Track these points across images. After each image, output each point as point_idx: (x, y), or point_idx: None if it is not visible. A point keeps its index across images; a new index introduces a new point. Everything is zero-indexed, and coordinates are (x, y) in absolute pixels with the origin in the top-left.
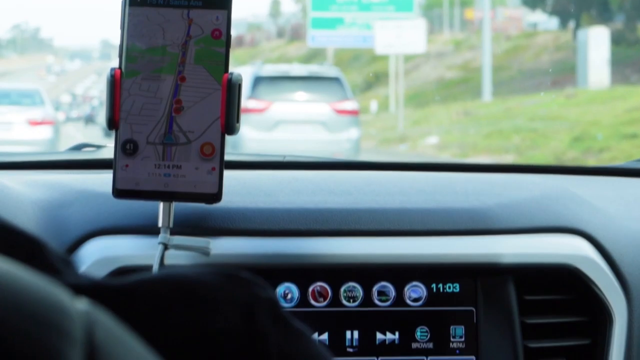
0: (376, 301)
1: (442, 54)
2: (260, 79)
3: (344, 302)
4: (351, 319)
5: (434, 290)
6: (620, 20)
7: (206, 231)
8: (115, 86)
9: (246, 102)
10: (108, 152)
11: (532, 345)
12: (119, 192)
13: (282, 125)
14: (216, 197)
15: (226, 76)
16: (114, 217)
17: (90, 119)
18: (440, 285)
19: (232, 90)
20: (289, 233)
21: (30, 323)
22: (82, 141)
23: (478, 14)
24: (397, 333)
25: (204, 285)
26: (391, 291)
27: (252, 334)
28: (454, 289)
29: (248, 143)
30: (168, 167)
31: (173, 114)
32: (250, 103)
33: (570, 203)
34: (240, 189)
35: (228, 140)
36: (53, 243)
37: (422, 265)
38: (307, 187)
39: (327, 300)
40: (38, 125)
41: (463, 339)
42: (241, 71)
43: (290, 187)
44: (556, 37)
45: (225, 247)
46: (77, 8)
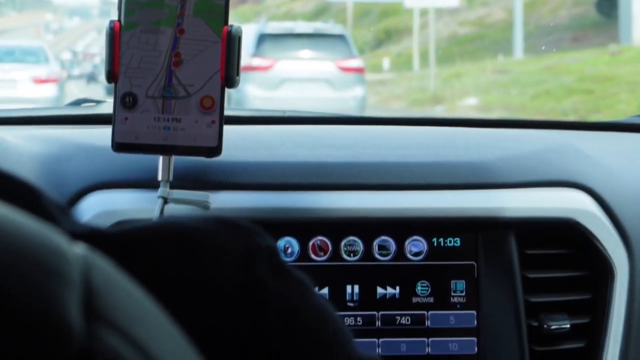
0: (377, 255)
1: (454, 10)
2: (264, 37)
3: (345, 257)
4: (351, 274)
5: (435, 244)
6: None
7: (206, 185)
8: (114, 39)
9: (251, 60)
10: (108, 108)
11: (533, 299)
12: (119, 146)
13: (287, 83)
14: (216, 151)
15: (226, 28)
16: (114, 171)
17: (92, 77)
18: (441, 239)
19: (232, 42)
20: (289, 187)
21: (27, 266)
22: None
23: None
24: (398, 287)
25: (202, 233)
26: (392, 245)
27: (251, 282)
28: (455, 243)
29: (253, 101)
30: (167, 121)
31: (172, 67)
32: (254, 61)
33: (572, 157)
34: (240, 143)
35: (232, 98)
36: (53, 197)
37: (423, 219)
38: (308, 141)
39: (328, 254)
40: (43, 83)
41: (464, 294)
42: (245, 29)
43: (290, 141)
44: None
45: (225, 201)
46: None
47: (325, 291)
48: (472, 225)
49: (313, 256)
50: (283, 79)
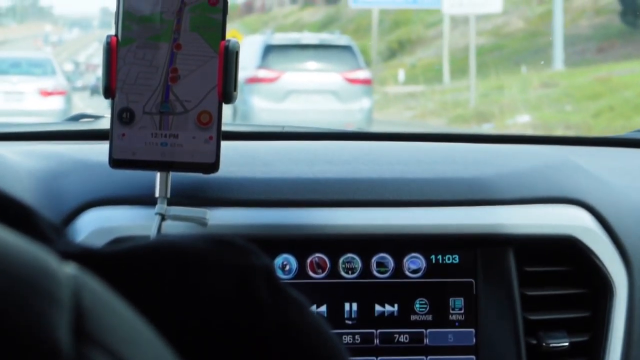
0: (375, 272)
1: (469, 19)
2: (270, 48)
3: (343, 274)
4: (350, 291)
5: (433, 261)
6: None
7: (204, 201)
8: (111, 54)
9: (257, 72)
10: (106, 123)
11: (532, 317)
12: (116, 162)
13: (293, 95)
14: (213, 167)
15: (223, 44)
16: (111, 188)
17: (96, 90)
18: (439, 256)
19: (229, 57)
20: (287, 203)
21: (17, 286)
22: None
23: None
24: (396, 305)
25: (198, 252)
26: (390, 262)
27: (247, 302)
28: (454, 260)
29: (259, 113)
30: (165, 137)
31: (169, 83)
32: (260, 72)
33: (571, 173)
34: (238, 159)
35: (238, 111)
36: (50, 213)
37: (421, 236)
38: (306, 157)
39: (326, 271)
40: (49, 95)
41: (462, 311)
42: (251, 40)
43: (288, 157)
44: (595, 0)
45: (222, 218)
46: None
47: (323, 309)
48: (471, 242)
49: (311, 273)
50: (289, 91)
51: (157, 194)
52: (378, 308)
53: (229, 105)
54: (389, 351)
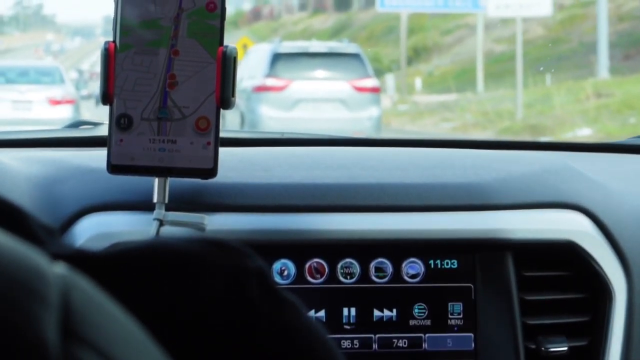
0: (373, 277)
1: (487, 26)
2: (278, 56)
3: (341, 279)
4: (348, 296)
5: (432, 266)
6: None
7: (202, 207)
8: (109, 60)
9: (265, 80)
10: (105, 130)
11: (531, 322)
12: (114, 168)
13: (302, 103)
14: (211, 172)
15: (221, 49)
16: (109, 193)
17: None
18: (438, 261)
19: (227, 63)
20: (286, 208)
21: (4, 284)
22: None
23: None
24: (395, 310)
25: (191, 254)
26: (388, 267)
27: (240, 304)
28: (452, 265)
29: (267, 122)
30: (163, 142)
31: (167, 89)
32: (269, 81)
33: (569, 178)
34: (236, 165)
35: (246, 120)
36: (48, 219)
37: (420, 241)
38: (305, 163)
39: (324, 276)
40: (58, 104)
41: (461, 316)
42: (259, 48)
43: (287, 163)
44: (618, 6)
45: (221, 223)
46: None
47: (321, 314)
48: (470, 247)
49: (309, 278)
50: (297, 100)
51: (155, 200)
52: (377, 313)
53: (237, 114)
54: (388, 356)
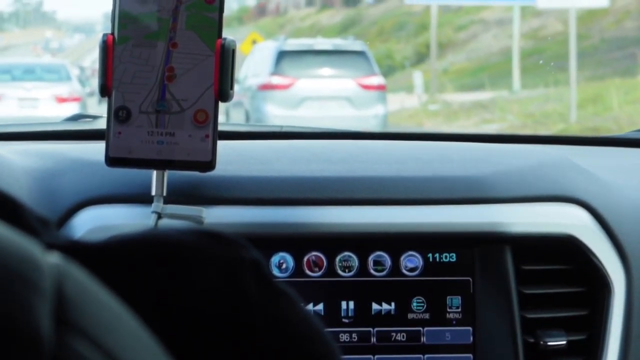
0: (372, 271)
1: (503, 21)
2: (283, 54)
3: (340, 272)
4: (346, 289)
5: (430, 259)
6: None
7: (200, 200)
8: (107, 52)
9: (270, 78)
10: (104, 123)
11: (530, 315)
12: (112, 160)
13: (307, 101)
14: (210, 165)
15: (219, 42)
16: (107, 186)
17: None
18: (436, 254)
19: (226, 56)
20: (284, 202)
21: None
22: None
23: None
24: (393, 303)
25: (186, 244)
26: (387, 261)
27: (235, 295)
28: (451, 259)
29: (273, 120)
30: (161, 135)
31: (165, 82)
32: (274, 79)
33: (568, 172)
34: (235, 158)
35: (251, 118)
36: (46, 212)
37: (419, 234)
38: (303, 156)
39: (322, 270)
40: (65, 102)
41: (460, 310)
42: (264, 46)
43: (286, 156)
44: None
45: (219, 216)
46: None
47: (320, 307)
48: (468, 240)
49: (308, 272)
50: (303, 98)
51: (154, 193)
52: (375, 306)
53: (242, 112)
54: (386, 350)
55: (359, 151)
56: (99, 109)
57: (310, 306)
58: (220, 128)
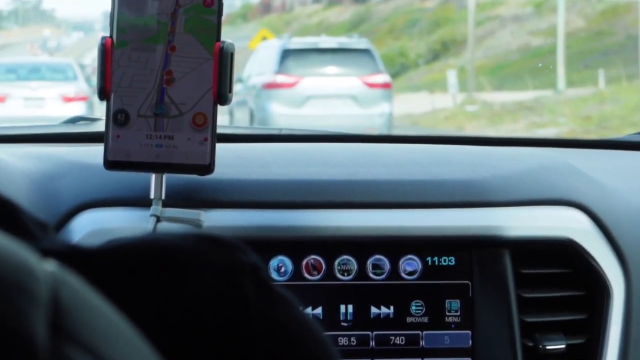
0: (371, 274)
1: (520, 18)
2: (288, 52)
3: (338, 276)
4: (345, 293)
5: (429, 263)
6: None
7: (199, 203)
8: (106, 55)
9: (275, 77)
10: (102, 126)
11: (529, 319)
12: (110, 164)
13: (312, 100)
14: (208, 169)
15: (218, 45)
16: (106, 189)
17: None
18: (435, 258)
19: (224, 59)
20: (283, 205)
21: None
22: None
23: None
24: (392, 307)
25: (184, 248)
26: (386, 264)
27: (234, 299)
28: (450, 262)
29: (277, 119)
30: (160, 138)
31: (164, 86)
32: (279, 78)
33: (567, 175)
34: (233, 161)
35: (256, 117)
36: (45, 215)
37: (417, 238)
38: (302, 159)
39: (321, 273)
40: (71, 101)
41: (458, 313)
42: (268, 45)
43: (284, 159)
44: None
45: (218, 219)
46: None
47: (318, 311)
48: (467, 244)
49: (307, 275)
50: (308, 96)
51: (152, 196)
52: (374, 310)
53: (246, 111)
54: (385, 353)
55: (358, 154)
56: (102, 109)
57: (309, 310)
58: (218, 130)
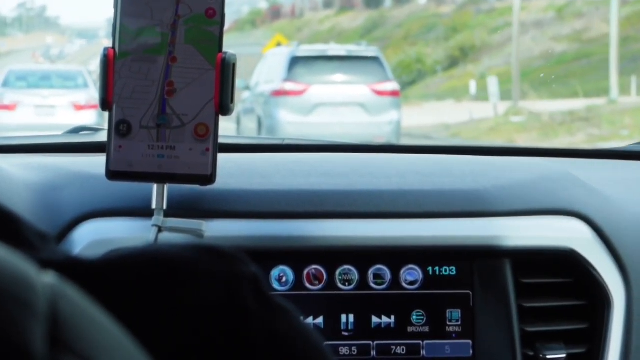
0: (372, 284)
1: (541, 23)
2: (296, 60)
3: (340, 286)
4: (346, 303)
5: (430, 273)
6: None
7: (200, 213)
8: (108, 66)
9: (283, 85)
10: (105, 136)
11: (530, 329)
12: (113, 174)
13: (321, 108)
14: (210, 179)
15: (220, 56)
16: (108, 200)
17: None
18: (436, 268)
19: (226, 70)
20: (284, 215)
21: None
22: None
23: None
24: (393, 317)
25: (184, 259)
26: (387, 274)
27: (234, 311)
28: (450, 272)
29: (286, 127)
30: (162, 148)
31: (166, 97)
32: (287, 85)
33: (568, 185)
34: (235, 171)
35: (264, 125)
36: (47, 225)
37: (418, 248)
38: (303, 169)
39: (323, 283)
40: (82, 109)
41: (459, 323)
42: (276, 52)
43: (286, 169)
44: None
45: (219, 230)
46: None
47: (320, 320)
48: (468, 254)
49: (308, 285)
50: (316, 104)
51: (154, 206)
52: (375, 319)
53: (254, 119)
54: None
55: (359, 164)
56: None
57: (310, 319)
58: (220, 141)
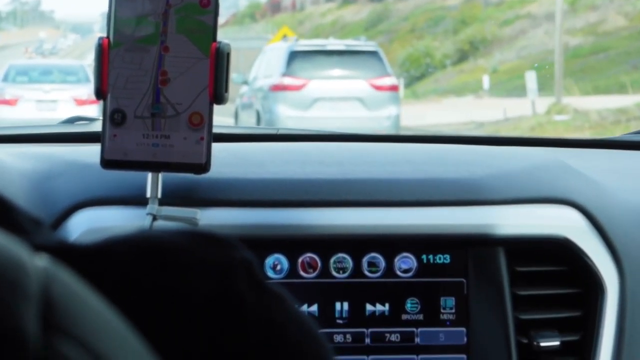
0: (366, 272)
1: (553, 16)
2: (295, 54)
3: (334, 273)
4: (341, 290)
5: (424, 261)
6: None
7: (195, 202)
8: (103, 55)
9: (282, 79)
10: (100, 125)
11: (523, 317)
12: (107, 163)
13: (319, 102)
14: (204, 168)
15: (214, 45)
16: (103, 188)
17: None
18: (430, 256)
19: (220, 59)
20: (278, 204)
21: None
22: None
23: None
24: (387, 304)
25: (177, 245)
26: (381, 262)
27: (227, 294)
28: (445, 260)
29: (285, 121)
30: (156, 137)
31: (159, 86)
32: (286, 80)
33: (562, 174)
34: (230, 160)
35: (262, 119)
36: (42, 214)
37: (412, 236)
38: (298, 158)
39: (317, 271)
40: (84, 104)
41: (453, 311)
42: (275, 47)
43: (280, 158)
44: None
45: (214, 218)
46: None
47: (314, 308)
48: (462, 242)
49: (302, 273)
50: (315, 99)
51: (149, 195)
52: (369, 307)
53: (253, 113)
54: (380, 350)
55: (353, 153)
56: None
57: (304, 307)
58: (215, 130)
